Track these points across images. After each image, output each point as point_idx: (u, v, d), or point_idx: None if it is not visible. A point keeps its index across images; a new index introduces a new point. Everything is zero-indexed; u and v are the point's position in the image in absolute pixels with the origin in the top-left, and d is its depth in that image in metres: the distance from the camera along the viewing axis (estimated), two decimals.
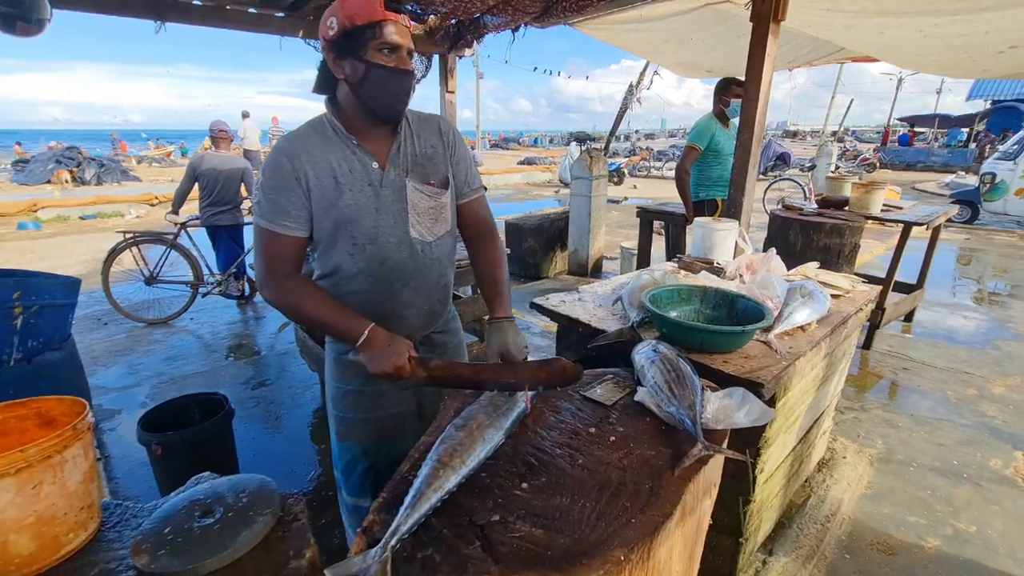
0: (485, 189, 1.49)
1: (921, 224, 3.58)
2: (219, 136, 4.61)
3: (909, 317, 4.35)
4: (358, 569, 0.73)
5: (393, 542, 0.76)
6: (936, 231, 4.05)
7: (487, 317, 1.38)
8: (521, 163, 20.35)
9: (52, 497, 0.81)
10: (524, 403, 1.13)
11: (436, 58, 3.94)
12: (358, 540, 0.82)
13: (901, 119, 26.13)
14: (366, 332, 1.16)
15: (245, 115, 13.31)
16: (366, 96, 1.19)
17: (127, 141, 27.97)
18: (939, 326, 4.37)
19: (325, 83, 1.26)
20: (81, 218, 9.77)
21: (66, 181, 12.24)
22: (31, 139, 30.45)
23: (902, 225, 3.68)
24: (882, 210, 3.85)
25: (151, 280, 4.49)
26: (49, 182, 12.16)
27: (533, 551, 0.79)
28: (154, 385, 3.39)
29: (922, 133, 25.63)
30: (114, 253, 4.31)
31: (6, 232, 8.40)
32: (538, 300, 1.94)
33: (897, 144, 22.34)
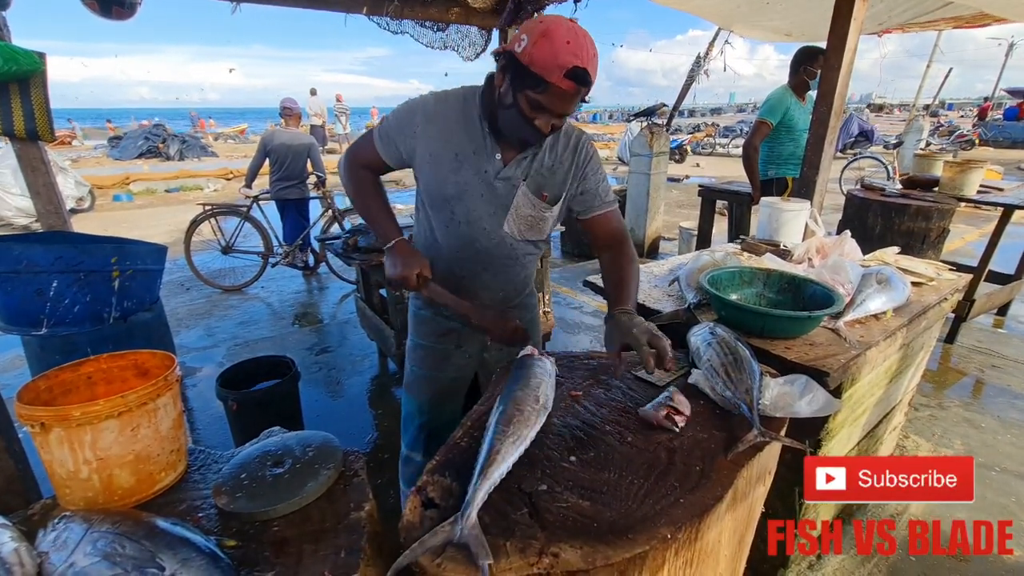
0: (618, 202, 1.45)
1: None
2: (287, 114, 4.82)
3: (1003, 311, 3.96)
4: (453, 536, 0.75)
5: (473, 514, 0.78)
6: None
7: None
8: None
9: (147, 439, 0.91)
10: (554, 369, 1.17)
11: (496, 33, 3.88)
12: (412, 498, 0.86)
13: (1009, 90, 23.07)
14: (393, 241, 1.31)
15: (313, 92, 13.83)
16: (499, 117, 1.21)
17: (214, 119, 29.98)
18: None
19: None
20: (166, 191, 10.58)
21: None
22: (122, 117, 33.09)
23: (1000, 209, 3.33)
24: (979, 192, 3.49)
25: (227, 250, 4.82)
26: (141, 156, 13.19)
27: (579, 521, 0.80)
28: (229, 347, 3.68)
29: None
30: (195, 224, 4.65)
31: (104, 203, 9.22)
32: (591, 278, 1.91)
33: (1002, 119, 19.82)
